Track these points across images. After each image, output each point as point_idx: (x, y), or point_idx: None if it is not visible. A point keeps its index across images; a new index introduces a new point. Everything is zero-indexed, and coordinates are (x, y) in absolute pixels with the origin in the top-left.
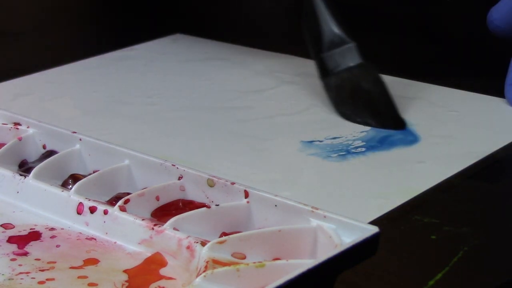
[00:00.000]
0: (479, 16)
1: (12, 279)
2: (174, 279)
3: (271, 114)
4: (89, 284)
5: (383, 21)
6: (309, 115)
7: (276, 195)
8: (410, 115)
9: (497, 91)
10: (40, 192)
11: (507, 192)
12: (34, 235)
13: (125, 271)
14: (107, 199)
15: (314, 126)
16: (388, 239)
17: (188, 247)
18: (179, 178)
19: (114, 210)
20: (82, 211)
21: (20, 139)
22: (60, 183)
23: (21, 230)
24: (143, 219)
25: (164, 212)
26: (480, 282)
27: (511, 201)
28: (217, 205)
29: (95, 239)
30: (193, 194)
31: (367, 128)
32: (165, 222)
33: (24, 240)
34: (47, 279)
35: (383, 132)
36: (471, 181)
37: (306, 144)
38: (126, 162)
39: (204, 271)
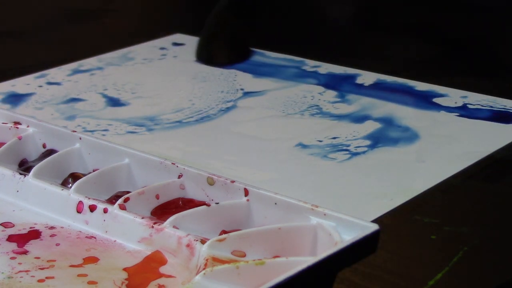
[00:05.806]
0: (479, 17)
1: (12, 277)
2: (174, 277)
3: (271, 114)
4: (89, 282)
5: (384, 22)
6: (309, 115)
7: (276, 193)
8: (410, 115)
9: (497, 91)
10: (40, 191)
11: (507, 192)
12: (34, 234)
13: (125, 269)
14: (107, 197)
15: (314, 126)
16: (388, 239)
17: (188, 245)
18: (179, 176)
19: (114, 209)
20: (82, 209)
21: (20, 138)
22: (60, 182)
23: (21, 228)
24: (143, 218)
25: (164, 211)
26: (480, 282)
27: (511, 201)
28: (217, 203)
29: (95, 237)
30: (193, 192)
31: (368, 128)
32: (165, 220)
33: (23, 239)
34: (46, 277)
35: (383, 132)
36: (471, 181)
37: (306, 144)
38: (126, 160)
39: (204, 269)
